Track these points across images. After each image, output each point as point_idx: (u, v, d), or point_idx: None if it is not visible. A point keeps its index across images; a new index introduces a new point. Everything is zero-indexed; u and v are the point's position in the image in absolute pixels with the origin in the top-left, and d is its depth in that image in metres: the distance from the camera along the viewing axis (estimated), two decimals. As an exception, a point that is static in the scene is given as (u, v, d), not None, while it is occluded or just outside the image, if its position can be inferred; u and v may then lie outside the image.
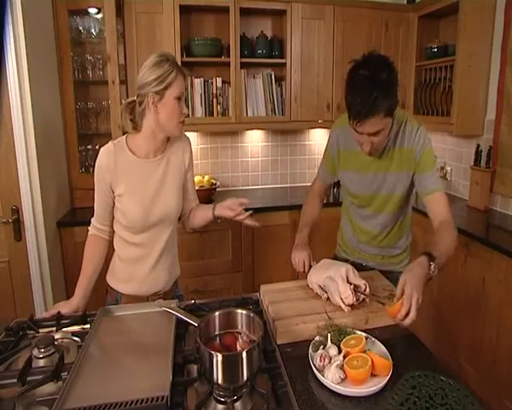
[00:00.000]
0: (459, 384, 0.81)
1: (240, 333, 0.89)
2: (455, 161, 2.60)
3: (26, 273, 1.98)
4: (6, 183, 1.88)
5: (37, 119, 1.89)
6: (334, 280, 1.07)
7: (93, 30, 2.24)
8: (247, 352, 0.77)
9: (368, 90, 1.02)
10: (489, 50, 2.21)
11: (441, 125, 2.39)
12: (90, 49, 2.30)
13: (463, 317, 1.99)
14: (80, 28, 2.24)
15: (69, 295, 2.17)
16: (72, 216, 2.27)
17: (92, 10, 2.22)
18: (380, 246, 1.37)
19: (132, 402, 0.74)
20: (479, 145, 2.28)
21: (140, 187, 1.18)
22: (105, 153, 1.18)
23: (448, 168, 2.66)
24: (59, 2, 2.10)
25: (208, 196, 2.58)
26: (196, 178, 2.59)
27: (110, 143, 1.20)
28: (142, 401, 0.75)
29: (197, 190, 2.62)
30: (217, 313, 0.87)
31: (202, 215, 1.34)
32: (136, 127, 1.19)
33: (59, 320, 1.10)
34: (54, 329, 1.07)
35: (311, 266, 1.25)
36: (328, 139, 1.39)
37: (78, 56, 2.28)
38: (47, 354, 0.96)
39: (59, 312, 1.12)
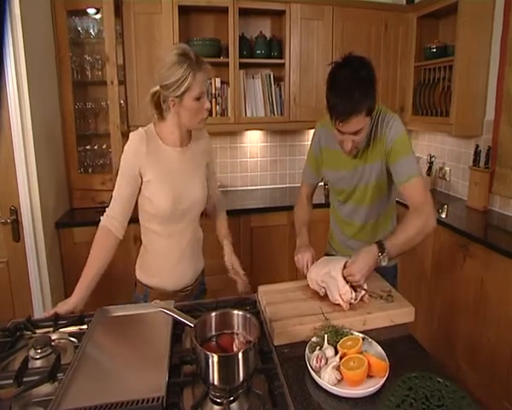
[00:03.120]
0: (456, 386, 0.81)
1: (237, 334, 0.89)
2: (454, 161, 2.60)
3: (25, 274, 1.98)
4: (4, 183, 1.88)
5: (36, 119, 1.89)
6: (333, 276, 1.07)
7: (92, 30, 2.24)
8: (242, 353, 0.77)
9: (350, 89, 1.06)
10: (488, 50, 2.21)
11: (440, 125, 2.39)
12: (89, 49, 2.30)
13: (462, 318, 1.99)
14: (79, 29, 2.24)
15: (68, 295, 2.18)
16: (70, 217, 2.27)
17: (91, 11, 2.22)
18: (366, 240, 1.37)
19: (128, 403, 0.74)
20: (478, 145, 2.28)
21: (169, 174, 1.20)
22: (137, 137, 1.18)
23: (447, 168, 2.66)
24: (57, 3, 2.10)
25: (207, 196, 2.58)
26: (195, 179, 2.59)
27: (140, 129, 1.20)
28: (138, 401, 0.75)
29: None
30: (213, 314, 0.87)
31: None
32: (162, 117, 1.20)
33: (56, 321, 1.10)
34: (51, 329, 1.07)
35: None
36: (312, 139, 1.44)
37: (77, 57, 2.28)
38: (43, 354, 0.96)
39: (56, 312, 1.12)
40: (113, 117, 2.20)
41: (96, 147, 2.42)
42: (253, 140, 2.83)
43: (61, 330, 1.08)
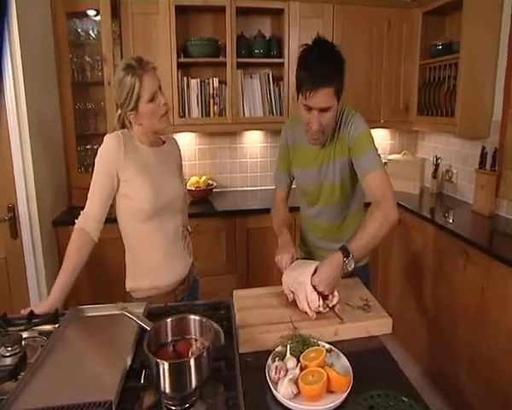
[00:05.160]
0: (421, 407, 0.76)
1: (196, 340, 0.86)
2: (460, 163, 2.49)
3: (22, 270, 2.02)
4: (2, 181, 1.92)
5: (33, 119, 1.93)
6: (300, 282, 1.03)
7: (91, 32, 2.27)
8: (194, 359, 0.75)
9: (321, 63, 1.07)
10: (496, 48, 2.09)
11: (445, 125, 2.29)
12: (89, 50, 2.33)
13: (462, 326, 1.90)
14: (79, 30, 2.28)
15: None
16: (69, 215, 2.30)
17: (91, 12, 2.25)
18: (336, 239, 1.32)
19: (74, 406, 0.73)
20: (484, 147, 2.17)
21: (148, 171, 1.22)
22: (113, 137, 1.20)
23: (454, 171, 2.55)
24: (57, 5, 2.14)
25: (205, 196, 2.57)
26: (193, 179, 2.59)
27: (115, 131, 1.23)
28: (85, 405, 0.74)
29: (193, 191, 2.63)
30: (169, 320, 0.85)
31: None
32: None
33: (30, 319, 1.11)
34: (23, 328, 1.08)
35: None
36: (281, 138, 1.43)
37: (78, 58, 2.31)
38: (13, 352, 0.96)
39: (31, 311, 1.13)
40: (111, 117, 2.20)
41: (95, 146, 2.43)
42: (253, 140, 2.80)
43: (35, 328, 1.09)
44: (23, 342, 1.00)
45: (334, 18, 2.39)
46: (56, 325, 1.08)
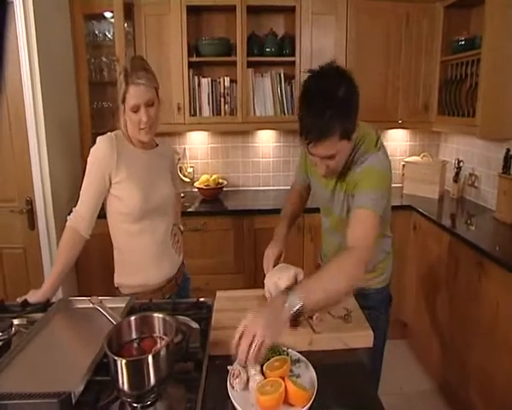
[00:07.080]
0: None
1: (162, 338, 0.87)
2: (484, 167, 2.31)
3: (39, 260, 2.15)
4: (22, 176, 2.05)
5: (50, 117, 2.04)
6: (279, 286, 1.01)
7: (108, 33, 2.36)
8: (152, 357, 0.75)
9: (321, 108, 0.94)
10: (523, 42, 1.92)
11: (465, 127, 2.13)
12: (106, 51, 2.42)
13: (475, 344, 1.76)
14: (96, 31, 2.37)
15: (79, 282, 2.34)
16: (84, 209, 2.41)
17: (108, 14, 2.34)
18: None
19: (32, 395, 0.75)
20: (508, 150, 2.00)
21: (139, 173, 1.25)
22: (106, 140, 1.23)
23: (478, 175, 2.38)
24: (75, 7, 2.24)
25: (215, 195, 2.59)
26: (203, 177, 2.62)
27: (109, 133, 1.27)
28: (45, 395, 0.76)
29: (203, 189, 2.65)
30: (132, 318, 0.86)
31: None
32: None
33: (24, 307, 1.17)
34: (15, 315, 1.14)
35: None
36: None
37: (95, 58, 2.41)
38: (3, 338, 1.02)
39: (25, 299, 1.19)
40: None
41: (111, 144, 2.55)
42: (265, 140, 2.77)
43: (26, 316, 1.14)
44: (13, 329, 1.06)
45: (348, 14, 2.30)
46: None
